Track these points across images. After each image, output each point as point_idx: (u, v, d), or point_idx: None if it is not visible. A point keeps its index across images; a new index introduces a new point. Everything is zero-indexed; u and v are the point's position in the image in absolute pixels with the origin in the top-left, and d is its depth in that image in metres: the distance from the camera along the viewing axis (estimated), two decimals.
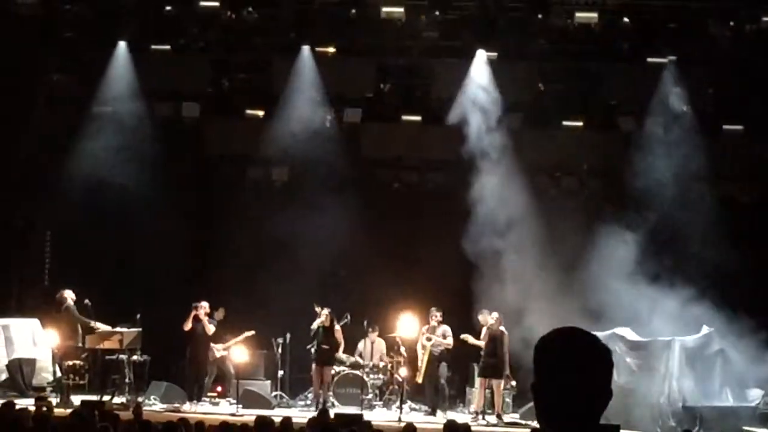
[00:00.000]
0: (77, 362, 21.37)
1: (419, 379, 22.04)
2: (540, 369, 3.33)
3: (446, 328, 21.89)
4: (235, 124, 25.28)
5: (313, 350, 22.08)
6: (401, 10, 23.44)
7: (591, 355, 3.32)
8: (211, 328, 22.10)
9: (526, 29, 23.57)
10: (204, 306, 22.14)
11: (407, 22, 23.56)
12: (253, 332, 22.60)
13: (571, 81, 24.45)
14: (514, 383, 21.50)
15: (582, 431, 3.30)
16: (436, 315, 21.90)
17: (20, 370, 22.11)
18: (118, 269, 24.00)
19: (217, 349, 22.37)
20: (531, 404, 19.67)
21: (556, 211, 23.13)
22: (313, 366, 22.04)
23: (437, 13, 23.55)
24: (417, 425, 14.64)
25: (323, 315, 22.00)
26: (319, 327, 22.04)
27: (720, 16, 23.14)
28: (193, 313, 21.96)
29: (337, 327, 22.24)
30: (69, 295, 21.81)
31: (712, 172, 23.73)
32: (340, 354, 22.67)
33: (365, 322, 22.86)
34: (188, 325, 21.92)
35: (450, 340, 21.85)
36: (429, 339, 21.83)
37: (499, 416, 21.15)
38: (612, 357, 3.33)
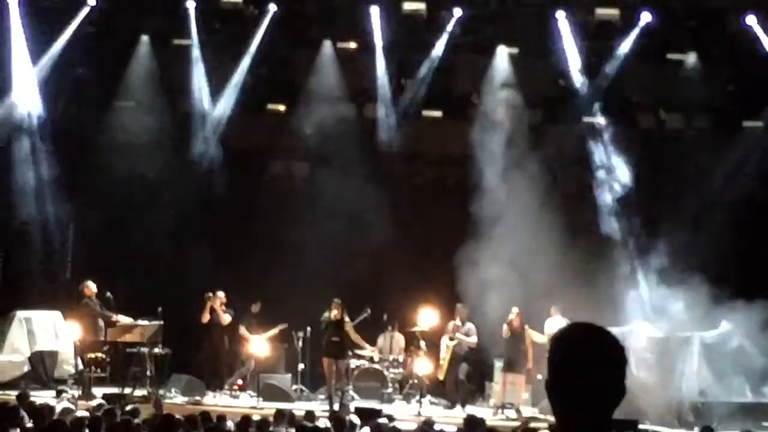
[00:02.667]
0: (99, 355, 21.38)
1: (440, 376, 22.08)
2: (555, 365, 3.32)
3: (471, 326, 21.88)
4: (257, 119, 25.39)
5: (323, 343, 21.92)
6: (423, 6, 23.52)
7: (606, 351, 3.30)
8: (226, 318, 22.15)
9: (547, 25, 23.62)
10: (220, 296, 22.20)
11: (428, 17, 23.65)
12: (285, 325, 22.51)
13: (591, 77, 24.42)
14: (540, 377, 21.47)
15: (598, 427, 3.30)
16: (463, 312, 21.92)
17: (42, 362, 22.19)
18: (140, 262, 24.08)
19: (248, 341, 22.34)
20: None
21: (576, 206, 23.17)
22: (324, 359, 21.84)
23: (458, 9, 23.60)
24: (436, 419, 14.71)
25: (334, 307, 21.79)
26: (329, 318, 21.91)
27: (740, 12, 23.12)
28: (209, 304, 22.05)
29: (347, 319, 22.11)
30: (91, 287, 21.86)
31: (733, 168, 23.69)
32: (364, 348, 22.69)
33: (385, 317, 22.84)
34: (206, 317, 22.02)
35: (474, 339, 21.84)
36: (452, 339, 21.86)
37: (518, 411, 21.18)
38: (626, 354, 3.32)
